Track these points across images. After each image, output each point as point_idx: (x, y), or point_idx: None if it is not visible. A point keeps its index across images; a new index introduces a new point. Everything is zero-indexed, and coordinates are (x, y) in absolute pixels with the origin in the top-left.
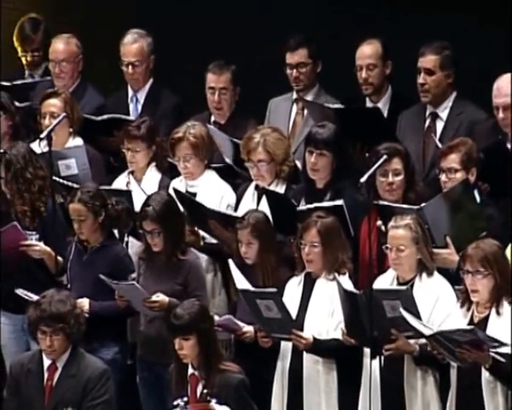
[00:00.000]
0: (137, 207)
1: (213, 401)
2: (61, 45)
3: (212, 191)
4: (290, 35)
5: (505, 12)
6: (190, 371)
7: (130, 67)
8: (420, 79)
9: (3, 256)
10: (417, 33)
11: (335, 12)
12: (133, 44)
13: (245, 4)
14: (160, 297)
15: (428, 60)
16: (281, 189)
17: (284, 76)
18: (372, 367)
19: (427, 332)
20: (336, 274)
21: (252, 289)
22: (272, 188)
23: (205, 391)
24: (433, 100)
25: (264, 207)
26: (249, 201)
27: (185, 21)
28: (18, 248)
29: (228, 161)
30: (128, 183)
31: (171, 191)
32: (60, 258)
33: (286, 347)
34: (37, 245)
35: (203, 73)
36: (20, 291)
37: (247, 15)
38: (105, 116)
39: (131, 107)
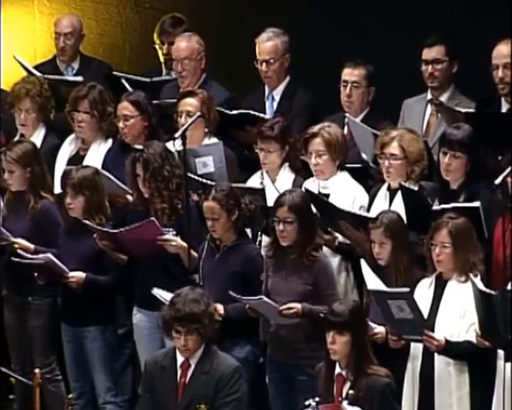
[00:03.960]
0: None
1: (345, 402)
2: (182, 43)
3: (345, 193)
4: (426, 35)
5: None
6: (337, 370)
7: (264, 64)
8: None
9: (141, 250)
10: None
11: (471, 11)
12: (268, 42)
13: (382, 5)
14: (293, 305)
15: None
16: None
17: (419, 77)
18: (506, 370)
19: None
20: (471, 274)
21: (383, 289)
22: None
23: (350, 392)
24: None
25: (397, 208)
26: (381, 202)
27: (324, 22)
28: (154, 243)
29: (364, 156)
30: (261, 182)
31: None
32: (194, 253)
33: (416, 348)
34: (173, 240)
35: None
36: (155, 292)
37: (383, 16)
38: (236, 111)
39: (267, 104)
